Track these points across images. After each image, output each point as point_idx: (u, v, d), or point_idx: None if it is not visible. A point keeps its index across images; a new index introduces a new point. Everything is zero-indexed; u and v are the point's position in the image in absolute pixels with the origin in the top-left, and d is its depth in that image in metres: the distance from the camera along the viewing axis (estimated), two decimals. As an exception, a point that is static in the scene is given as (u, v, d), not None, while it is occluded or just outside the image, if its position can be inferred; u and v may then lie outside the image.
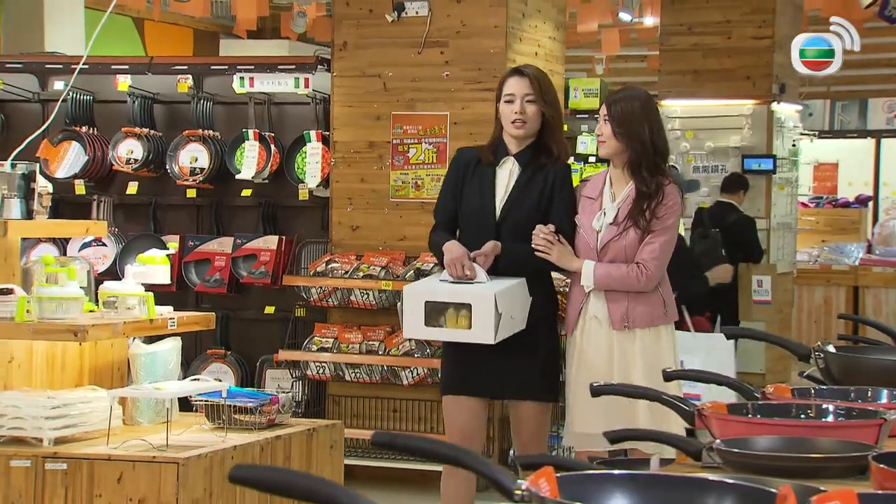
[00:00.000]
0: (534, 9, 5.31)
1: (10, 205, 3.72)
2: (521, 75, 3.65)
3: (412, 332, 3.78)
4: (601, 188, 3.62)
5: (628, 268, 3.54)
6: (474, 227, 3.64)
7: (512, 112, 3.60)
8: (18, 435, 3.46)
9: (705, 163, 8.55)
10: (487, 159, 3.66)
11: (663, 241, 3.54)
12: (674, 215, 3.56)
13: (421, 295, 3.59)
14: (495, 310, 3.47)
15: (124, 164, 5.82)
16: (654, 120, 3.59)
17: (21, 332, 3.53)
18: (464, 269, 3.55)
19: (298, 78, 5.43)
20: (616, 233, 3.55)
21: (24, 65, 5.99)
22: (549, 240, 3.56)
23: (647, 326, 3.56)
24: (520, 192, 3.61)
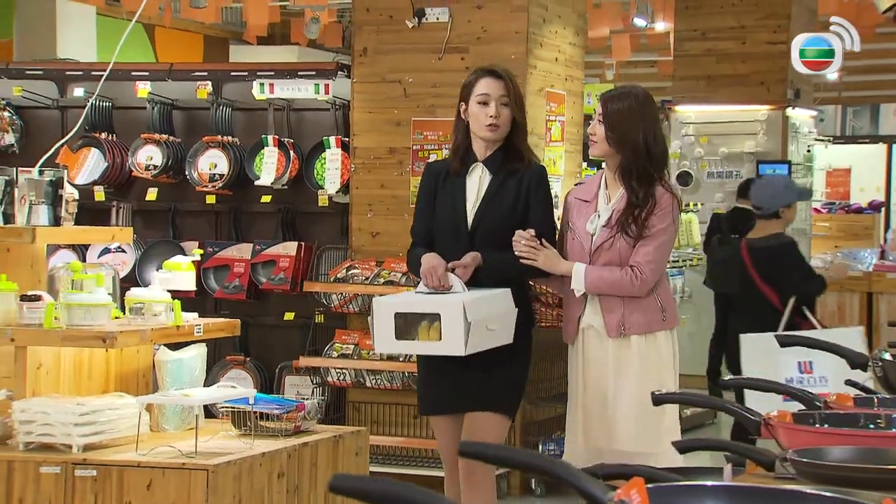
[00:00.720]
0: (554, 14, 5.31)
1: (37, 211, 3.73)
2: (496, 76, 3.48)
3: (383, 346, 3.59)
4: (596, 191, 3.46)
5: (622, 271, 3.36)
6: (447, 237, 3.49)
7: (486, 115, 3.44)
8: (48, 441, 3.46)
9: (719, 168, 8.54)
10: (455, 168, 3.51)
11: (659, 243, 3.36)
12: (667, 217, 3.36)
13: (391, 307, 3.42)
14: (464, 319, 3.27)
15: (144, 171, 5.83)
16: (650, 124, 3.38)
17: (50, 339, 3.53)
18: (440, 280, 3.39)
19: (318, 84, 5.43)
20: (609, 235, 3.38)
21: (45, 72, 5.99)
22: (532, 245, 3.40)
23: (644, 333, 3.38)
24: (491, 199, 3.47)
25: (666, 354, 3.42)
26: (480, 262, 3.42)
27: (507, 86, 3.45)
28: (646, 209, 3.32)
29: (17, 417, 3.47)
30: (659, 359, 3.40)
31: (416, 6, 5.24)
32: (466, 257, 3.41)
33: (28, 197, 3.73)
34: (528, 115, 5.43)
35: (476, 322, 3.28)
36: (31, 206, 3.73)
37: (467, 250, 3.44)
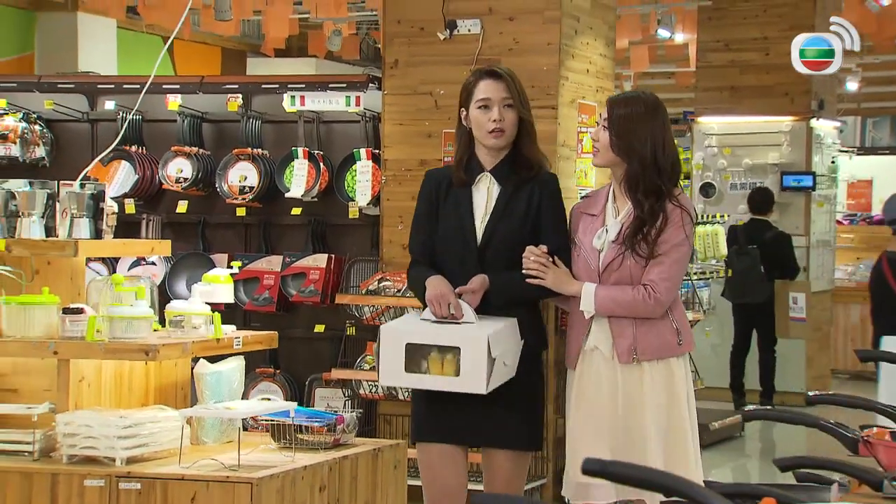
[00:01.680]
0: (586, 26, 5.31)
1: (79, 224, 3.73)
2: (497, 77, 3.17)
3: (390, 378, 3.19)
4: (603, 203, 3.19)
5: (634, 290, 3.09)
6: (454, 255, 3.17)
7: (489, 120, 3.13)
8: (91, 454, 3.46)
9: (743, 179, 8.53)
10: (460, 179, 3.18)
11: (673, 260, 3.08)
12: (680, 233, 3.08)
13: (402, 335, 3.09)
14: (488, 355, 2.99)
15: (174, 183, 5.84)
16: (659, 131, 3.08)
17: (93, 352, 3.53)
18: (449, 308, 3.08)
19: (350, 96, 5.44)
20: (619, 252, 3.11)
21: (76, 85, 6.02)
22: (541, 262, 3.13)
23: (657, 359, 3.09)
24: (502, 212, 3.16)
25: (680, 382, 3.12)
26: (488, 285, 3.14)
27: (509, 86, 3.16)
28: (655, 226, 3.06)
29: (61, 430, 3.48)
30: (672, 387, 3.10)
31: (447, 18, 5.25)
32: (475, 282, 3.12)
33: (70, 210, 3.74)
34: (560, 126, 5.49)
35: (498, 358, 3.04)
36: (72, 220, 3.73)
37: (476, 269, 3.15)
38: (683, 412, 3.11)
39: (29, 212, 3.68)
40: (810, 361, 8.33)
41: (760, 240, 7.64)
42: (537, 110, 5.24)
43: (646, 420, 3.07)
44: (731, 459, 6.60)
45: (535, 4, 5.11)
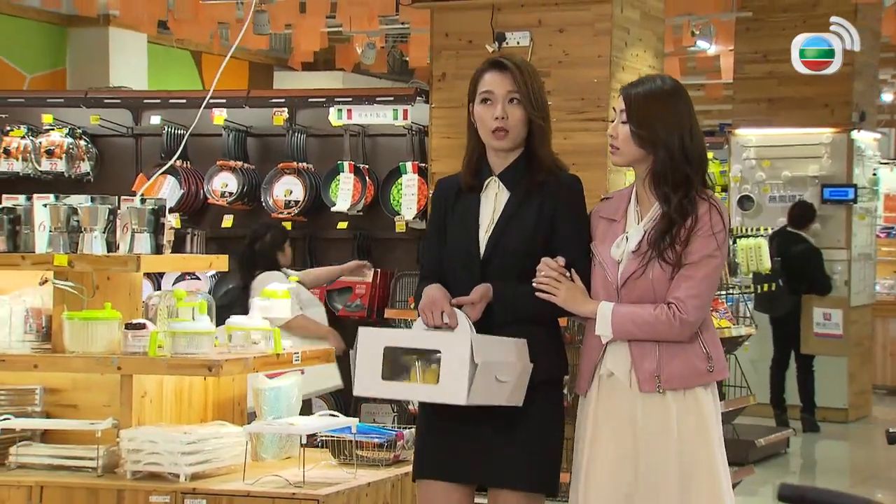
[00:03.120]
0: (636, 38, 5.29)
1: (139, 239, 3.71)
2: (502, 69, 2.75)
3: (365, 387, 2.74)
4: (625, 207, 2.75)
5: (657, 310, 2.64)
6: (458, 268, 2.80)
7: (491, 117, 2.72)
8: (155, 470, 3.43)
9: (782, 192, 8.46)
10: (468, 184, 2.81)
11: (704, 273, 2.64)
12: (712, 241, 2.65)
13: (380, 339, 2.71)
14: (470, 359, 2.58)
15: (219, 198, 5.84)
16: (685, 117, 2.69)
17: (156, 367, 3.51)
18: (442, 316, 2.68)
19: (397, 110, 5.43)
20: (641, 264, 2.67)
21: (122, 100, 6.04)
22: (553, 276, 2.72)
23: (685, 388, 2.66)
24: (509, 220, 2.77)
25: (710, 414, 2.69)
26: (490, 297, 2.74)
27: (516, 79, 2.73)
28: (685, 225, 2.65)
29: (125, 446, 3.45)
30: (701, 420, 2.67)
31: (496, 30, 5.23)
32: (475, 292, 2.72)
33: (130, 225, 3.72)
34: (611, 139, 5.46)
35: (484, 366, 2.60)
36: (133, 235, 3.72)
37: (479, 283, 2.76)
38: (714, 449, 2.68)
39: (91, 227, 3.66)
40: (852, 377, 8.23)
41: (788, 253, 7.56)
42: (588, 122, 5.26)
43: (669, 459, 2.65)
44: (777, 477, 6.53)
45: (585, 17, 5.09)
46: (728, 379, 5.53)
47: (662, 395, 2.66)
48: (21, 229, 3.70)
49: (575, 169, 4.17)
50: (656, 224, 2.68)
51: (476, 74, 2.79)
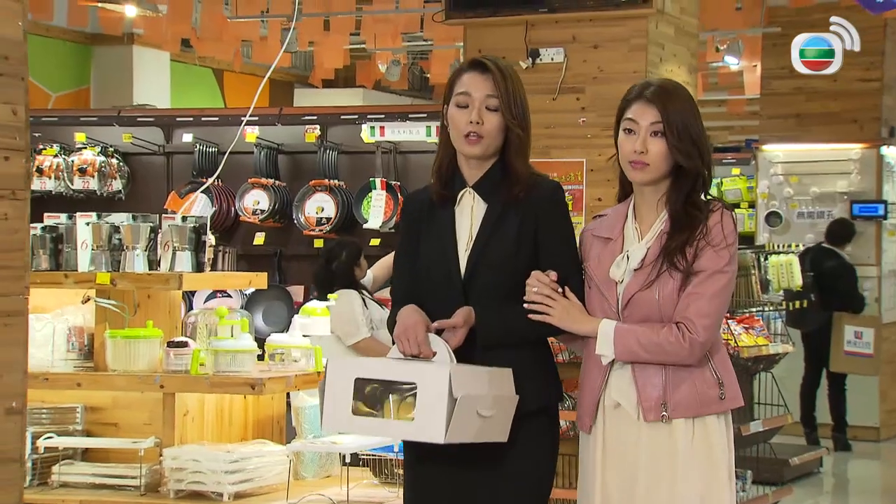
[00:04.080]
0: (670, 53, 5.26)
1: (181, 257, 3.71)
2: (483, 70, 2.53)
3: (333, 423, 2.49)
4: (621, 225, 2.54)
5: (665, 330, 2.43)
6: (437, 291, 2.52)
7: (464, 121, 2.49)
8: (198, 489, 3.42)
9: (810, 208, 8.42)
10: (440, 195, 2.56)
11: (716, 289, 2.44)
12: (724, 255, 2.45)
13: (350, 369, 2.45)
14: (448, 393, 2.33)
15: (251, 215, 5.84)
16: (703, 125, 2.54)
17: (198, 386, 3.49)
18: (419, 345, 2.43)
19: (430, 126, 5.42)
20: (645, 282, 2.46)
21: (155, 119, 6.05)
22: (546, 293, 2.48)
23: (694, 416, 2.44)
24: (490, 235, 2.52)
25: (720, 446, 2.47)
26: (473, 320, 2.48)
27: (496, 83, 2.50)
28: (699, 230, 2.45)
29: (168, 465, 3.44)
30: (711, 452, 2.46)
31: (529, 47, 5.22)
32: (457, 315, 2.47)
33: (172, 243, 3.72)
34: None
35: (464, 401, 2.35)
36: (174, 252, 3.71)
37: (461, 306, 2.50)
38: (723, 485, 2.47)
39: (133, 245, 3.66)
40: (884, 395, 8.15)
41: (821, 268, 7.50)
42: (623, 139, 5.21)
43: (676, 494, 2.44)
44: (810, 496, 6.46)
45: (620, 32, 5.07)
46: (764, 397, 5.48)
47: (669, 424, 2.44)
48: (63, 248, 3.70)
49: (609, 185, 4.02)
50: (666, 233, 2.47)
51: (454, 73, 2.57)
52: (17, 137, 2.19)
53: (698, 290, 2.44)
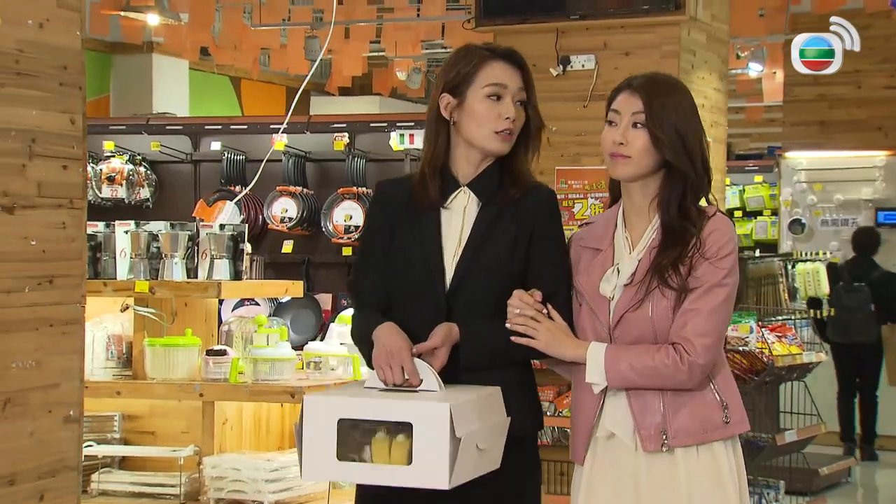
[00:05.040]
0: (701, 60, 5.25)
1: (218, 266, 3.71)
2: (515, 63, 2.33)
3: (315, 471, 2.17)
4: (611, 234, 2.31)
5: (661, 352, 2.21)
6: (416, 302, 2.27)
7: (498, 115, 2.27)
8: (238, 498, 3.41)
9: (834, 216, 8.38)
10: (428, 195, 2.29)
11: (715, 304, 2.22)
12: (723, 265, 2.23)
13: (332, 408, 2.14)
14: (450, 433, 2.07)
15: (279, 223, 5.83)
16: (699, 121, 2.31)
17: (238, 394, 3.49)
18: (402, 372, 2.18)
19: (460, 134, 5.41)
20: (638, 299, 2.24)
21: (183, 127, 6.07)
22: (529, 314, 2.24)
23: (697, 444, 2.24)
24: (483, 242, 2.28)
25: (727, 474, 2.26)
26: (456, 338, 2.23)
27: (528, 78, 2.34)
28: (695, 242, 2.23)
29: (208, 473, 3.43)
30: (718, 481, 2.25)
31: (560, 54, 5.21)
32: (436, 333, 2.21)
33: (209, 251, 3.72)
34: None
35: (467, 439, 2.10)
36: (212, 261, 3.71)
37: (444, 320, 2.24)
38: None
39: (171, 253, 3.66)
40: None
41: (867, 278, 7.41)
42: (655, 146, 5.20)
43: None
44: (842, 506, 6.42)
45: (651, 39, 5.06)
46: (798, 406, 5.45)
47: (671, 454, 2.23)
48: (101, 256, 3.70)
49: None
50: (657, 245, 2.25)
51: (472, 62, 2.30)
52: (74, 146, 2.20)
53: (696, 307, 2.22)
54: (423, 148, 2.35)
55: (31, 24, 2.07)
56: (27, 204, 2.08)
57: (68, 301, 2.16)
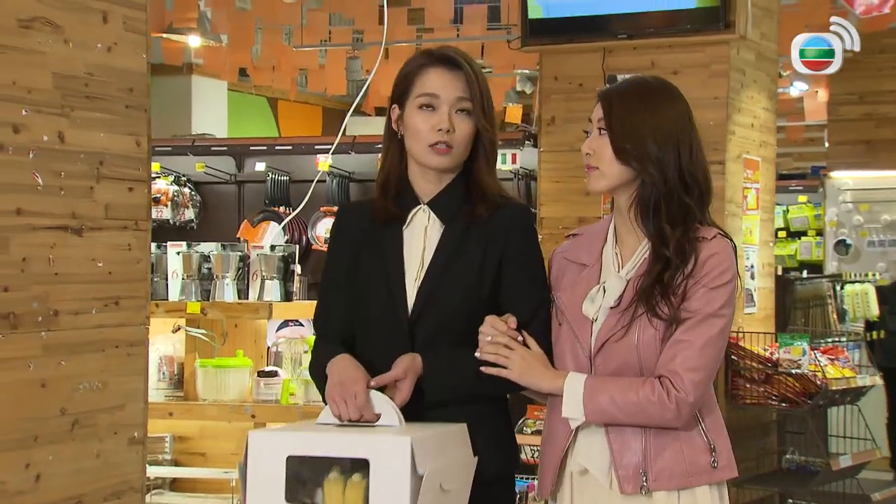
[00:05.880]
0: (751, 79, 5.19)
1: (270, 286, 3.70)
2: (453, 67, 2.11)
3: None
4: (599, 249, 2.11)
5: (646, 386, 2.00)
6: (378, 330, 2.09)
7: (431, 127, 2.07)
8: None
9: (881, 237, 8.26)
10: (386, 212, 2.13)
11: (709, 336, 2.00)
12: (721, 293, 2.01)
13: (279, 445, 1.97)
14: (412, 471, 1.89)
15: (322, 244, 5.83)
16: (683, 126, 2.12)
17: (289, 415, 3.47)
18: (359, 409, 1.98)
19: (506, 154, 5.39)
20: (622, 325, 2.02)
21: (228, 148, 6.10)
22: (503, 342, 2.03)
23: (679, 488, 2.03)
24: (445, 264, 2.09)
25: None
26: (420, 369, 2.03)
27: (469, 82, 2.10)
28: (684, 271, 2.02)
29: (260, 497, 3.40)
30: None
31: (607, 73, 5.18)
32: (398, 366, 2.02)
33: (260, 272, 3.71)
34: (728, 182, 5.35)
35: (430, 477, 1.91)
36: (263, 282, 3.71)
37: (407, 349, 2.06)
38: None
39: (223, 274, 3.66)
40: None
41: None
42: (704, 166, 5.16)
43: None
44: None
45: (700, 58, 5.01)
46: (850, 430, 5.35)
47: (649, 498, 2.02)
48: (153, 277, 3.71)
49: None
50: (646, 268, 2.04)
51: (412, 69, 2.12)
52: (140, 168, 2.20)
53: (687, 338, 2.00)
54: (380, 162, 2.18)
55: (100, 48, 2.07)
56: (95, 226, 2.08)
57: (133, 322, 2.15)
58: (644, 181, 2.05)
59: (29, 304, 1.92)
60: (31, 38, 1.93)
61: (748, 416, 4.91)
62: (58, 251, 1.99)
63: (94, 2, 2.05)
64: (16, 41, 1.90)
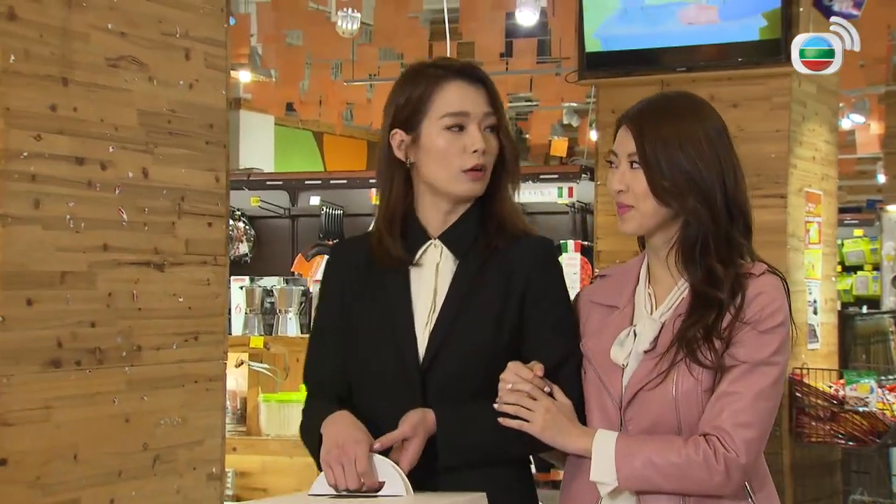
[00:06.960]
0: (812, 112, 5.14)
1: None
2: (475, 80, 1.85)
3: None
4: (631, 290, 1.86)
5: (690, 446, 1.72)
6: (382, 385, 1.83)
7: (464, 149, 1.81)
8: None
9: (942, 270, 8.12)
10: (391, 255, 1.85)
11: (762, 387, 1.73)
12: (778, 334, 1.75)
13: None
14: None
15: (377, 277, 5.84)
16: (724, 151, 1.85)
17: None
18: (358, 476, 1.72)
19: (562, 187, 5.37)
20: (660, 371, 1.76)
21: (283, 182, 6.16)
22: (525, 391, 1.76)
23: None
24: (462, 304, 1.82)
25: None
26: (432, 428, 1.77)
27: (492, 96, 1.86)
28: (731, 308, 1.76)
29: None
30: None
31: (665, 107, 5.15)
32: (406, 423, 1.75)
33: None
34: (790, 216, 5.28)
35: None
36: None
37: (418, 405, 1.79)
38: None
39: (286, 308, 3.66)
40: None
41: None
42: (765, 199, 5.09)
43: None
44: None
45: (760, 91, 4.97)
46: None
47: None
48: (216, 310, 3.72)
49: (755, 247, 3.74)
50: (686, 308, 1.78)
51: (426, 87, 1.83)
52: (218, 204, 2.20)
53: (736, 390, 1.72)
54: (380, 197, 1.90)
55: (182, 85, 2.09)
56: (176, 261, 2.08)
57: (211, 357, 2.15)
58: (687, 220, 1.79)
59: (114, 340, 1.93)
60: (119, 76, 1.96)
61: (812, 454, 4.80)
62: (141, 286, 1.99)
63: (177, 39, 2.07)
64: (105, 80, 1.93)
